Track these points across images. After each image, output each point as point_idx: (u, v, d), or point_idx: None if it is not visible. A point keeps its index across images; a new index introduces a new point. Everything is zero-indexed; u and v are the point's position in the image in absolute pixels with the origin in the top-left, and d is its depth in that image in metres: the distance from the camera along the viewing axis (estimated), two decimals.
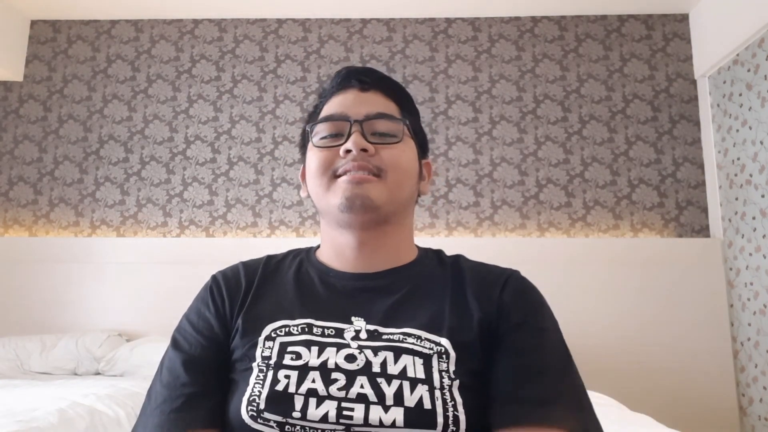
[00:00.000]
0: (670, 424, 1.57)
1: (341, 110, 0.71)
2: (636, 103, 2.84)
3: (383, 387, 0.58)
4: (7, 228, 2.87)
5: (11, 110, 2.98)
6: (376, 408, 0.57)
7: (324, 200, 0.70)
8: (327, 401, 0.58)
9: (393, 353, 0.61)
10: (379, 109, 0.71)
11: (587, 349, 2.48)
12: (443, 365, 0.61)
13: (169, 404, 0.62)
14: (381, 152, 0.69)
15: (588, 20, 2.94)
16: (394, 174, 0.69)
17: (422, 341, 0.63)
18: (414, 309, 0.67)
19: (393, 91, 0.75)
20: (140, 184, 2.88)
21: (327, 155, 0.70)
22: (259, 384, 0.60)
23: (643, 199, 2.75)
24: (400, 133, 0.71)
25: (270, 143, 2.89)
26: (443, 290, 0.70)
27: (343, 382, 0.59)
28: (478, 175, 2.81)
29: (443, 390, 0.59)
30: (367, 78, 0.74)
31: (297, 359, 0.61)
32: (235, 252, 2.69)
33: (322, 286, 0.71)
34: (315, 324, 0.65)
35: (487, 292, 0.68)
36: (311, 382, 0.59)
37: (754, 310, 2.37)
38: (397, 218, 0.72)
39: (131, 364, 2.28)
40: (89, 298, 2.70)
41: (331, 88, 0.75)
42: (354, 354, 0.62)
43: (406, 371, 0.60)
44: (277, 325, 0.66)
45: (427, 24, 2.98)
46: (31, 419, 1.35)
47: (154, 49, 3.02)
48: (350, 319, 0.66)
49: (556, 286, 2.53)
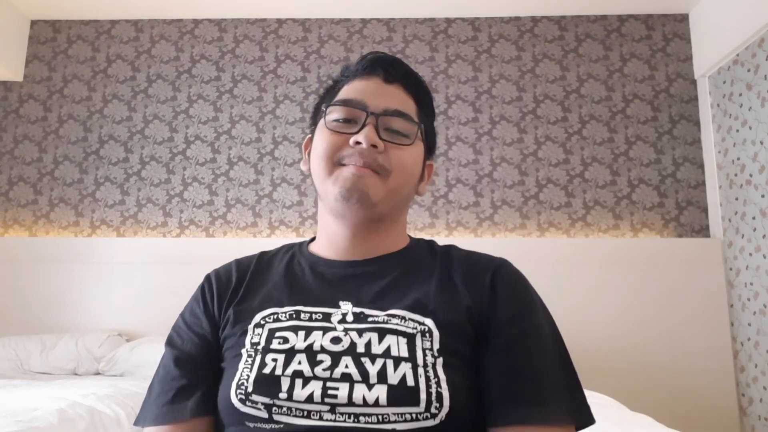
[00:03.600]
0: (670, 424, 1.57)
1: (361, 97, 0.70)
2: (636, 103, 2.84)
3: (367, 366, 0.59)
4: (7, 228, 2.87)
5: (11, 110, 2.98)
6: (360, 386, 0.58)
7: (323, 185, 0.70)
8: (312, 381, 0.59)
9: (377, 334, 0.62)
10: (397, 106, 0.70)
11: (587, 349, 2.48)
12: (426, 343, 0.61)
13: (162, 397, 0.66)
14: (390, 151, 0.69)
15: (588, 20, 2.94)
16: (397, 176, 0.69)
17: (406, 321, 0.63)
18: (401, 292, 0.68)
19: (415, 88, 0.74)
20: (140, 184, 2.88)
21: (336, 140, 0.69)
22: (247, 368, 0.62)
23: (643, 199, 2.75)
24: (413, 135, 0.71)
25: (270, 143, 2.89)
26: (431, 275, 0.70)
27: (328, 363, 0.60)
28: (478, 175, 2.81)
29: (426, 367, 0.59)
30: (393, 69, 0.73)
31: (284, 343, 0.62)
32: (235, 252, 2.68)
33: (311, 275, 0.72)
34: (303, 310, 0.66)
35: (476, 281, 0.68)
36: (297, 364, 0.60)
37: (754, 310, 2.37)
38: (391, 216, 0.73)
39: (131, 364, 2.28)
40: (89, 298, 2.70)
41: (356, 70, 0.74)
42: (339, 336, 0.62)
43: (389, 350, 0.61)
44: (266, 313, 0.67)
45: (427, 24, 2.98)
46: (31, 419, 1.35)
47: (154, 49, 3.02)
48: (338, 303, 0.67)
49: (556, 286, 2.54)
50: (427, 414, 0.56)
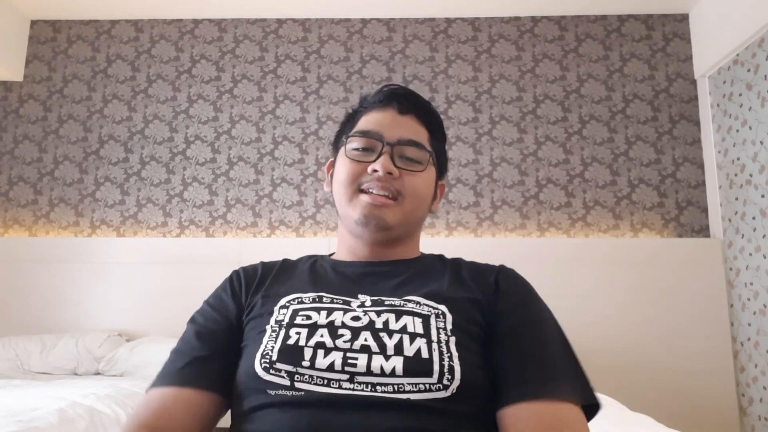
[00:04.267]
0: (670, 424, 1.58)
1: (377, 129, 0.78)
2: (636, 103, 2.84)
3: (385, 339, 0.64)
4: (7, 228, 2.88)
5: (11, 110, 2.99)
6: (377, 357, 0.62)
7: (344, 209, 0.78)
8: (334, 352, 0.63)
9: (395, 314, 0.68)
10: (410, 136, 0.78)
11: (587, 349, 2.48)
12: (441, 323, 0.67)
13: (179, 363, 0.69)
14: (404, 177, 0.76)
15: (588, 20, 2.94)
16: (411, 201, 0.76)
17: (421, 306, 0.69)
18: (416, 286, 0.74)
19: (426, 117, 0.82)
20: (140, 184, 2.88)
21: (356, 168, 0.77)
22: (272, 341, 0.66)
23: (643, 199, 2.75)
24: (426, 161, 0.78)
25: (270, 143, 2.89)
26: (442, 274, 0.77)
27: (348, 336, 0.65)
28: (478, 175, 2.81)
29: (440, 343, 0.64)
30: (406, 101, 0.80)
31: (307, 320, 0.68)
32: (235, 252, 2.69)
33: (333, 273, 0.79)
34: (325, 295, 0.72)
35: (483, 279, 0.75)
36: (320, 337, 0.65)
37: (754, 310, 2.37)
38: (407, 235, 0.80)
39: (131, 364, 2.28)
40: (89, 298, 2.70)
41: (373, 102, 0.82)
42: (359, 315, 0.68)
43: (406, 327, 0.66)
44: (291, 297, 0.73)
45: (427, 24, 2.98)
46: (31, 419, 1.35)
47: (154, 49, 3.02)
48: (357, 295, 0.73)
49: (556, 285, 2.54)
50: (440, 385, 0.60)
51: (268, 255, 0.94)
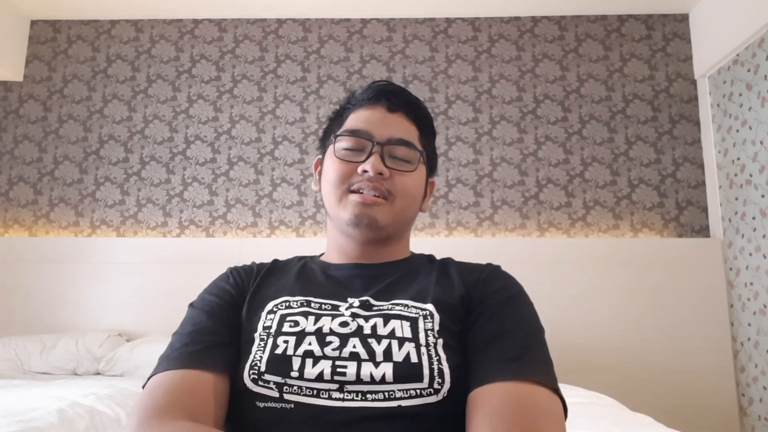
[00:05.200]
0: (670, 424, 1.57)
1: (367, 128, 0.76)
2: (636, 103, 2.84)
3: (374, 346, 0.63)
4: (7, 228, 2.87)
5: (11, 110, 2.98)
6: (367, 364, 0.62)
7: (334, 209, 0.76)
8: (322, 361, 0.62)
9: (382, 319, 0.67)
10: (400, 135, 0.77)
11: (587, 348, 2.48)
12: (428, 325, 0.66)
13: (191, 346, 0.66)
14: (394, 177, 0.75)
15: (588, 20, 2.94)
16: (402, 200, 0.76)
17: (409, 308, 0.69)
18: (404, 288, 0.74)
19: (416, 115, 0.80)
20: (140, 184, 2.88)
21: (345, 169, 0.75)
22: (260, 351, 0.65)
23: (643, 199, 2.75)
24: (416, 160, 0.77)
25: (270, 143, 2.89)
26: (430, 273, 0.77)
27: (337, 343, 0.64)
28: (478, 175, 2.81)
29: (428, 347, 0.64)
30: (396, 99, 0.79)
31: (295, 326, 0.67)
32: (234, 252, 2.69)
33: (322, 275, 0.78)
34: (313, 300, 0.71)
35: (470, 276, 0.75)
36: (308, 345, 0.64)
37: (754, 310, 2.37)
38: (397, 234, 0.80)
39: (131, 364, 2.28)
40: (89, 298, 2.70)
41: (361, 99, 0.80)
42: (347, 321, 0.67)
43: (394, 332, 0.65)
44: (279, 300, 0.72)
45: (427, 24, 2.98)
46: (31, 419, 1.35)
47: (154, 49, 3.02)
48: (346, 299, 0.72)
49: (556, 285, 2.54)
50: (431, 390, 0.60)
51: (269, 255, 0.94)
